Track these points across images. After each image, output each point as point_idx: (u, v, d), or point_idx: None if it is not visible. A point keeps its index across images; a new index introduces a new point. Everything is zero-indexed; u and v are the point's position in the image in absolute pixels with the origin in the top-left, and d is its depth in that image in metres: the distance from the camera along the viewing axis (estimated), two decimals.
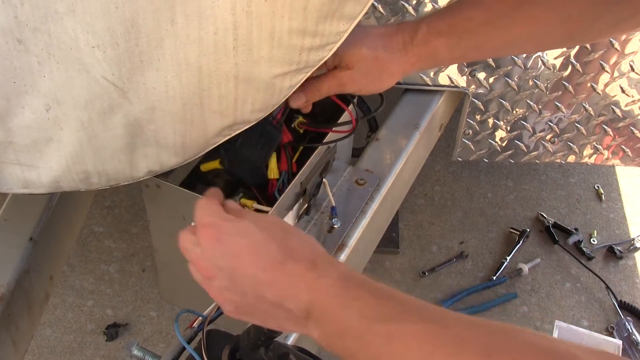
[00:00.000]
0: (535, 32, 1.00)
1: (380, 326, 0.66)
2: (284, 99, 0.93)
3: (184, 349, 0.94)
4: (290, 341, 1.05)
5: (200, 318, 0.99)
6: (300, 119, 1.14)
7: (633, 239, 2.21)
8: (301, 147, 1.14)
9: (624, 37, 1.43)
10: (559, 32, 1.00)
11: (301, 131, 1.15)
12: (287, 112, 1.08)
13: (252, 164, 1.05)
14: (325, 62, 0.99)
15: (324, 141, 1.13)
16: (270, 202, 1.05)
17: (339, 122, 1.15)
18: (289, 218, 1.11)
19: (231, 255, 0.74)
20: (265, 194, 1.10)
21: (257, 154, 1.06)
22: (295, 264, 0.72)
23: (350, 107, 1.13)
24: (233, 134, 0.94)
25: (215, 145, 0.95)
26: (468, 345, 0.62)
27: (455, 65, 1.46)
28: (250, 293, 0.74)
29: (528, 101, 1.52)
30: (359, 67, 1.01)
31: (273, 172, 1.10)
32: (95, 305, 1.99)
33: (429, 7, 1.39)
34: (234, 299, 0.76)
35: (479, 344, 0.62)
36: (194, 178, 1.12)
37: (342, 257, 1.17)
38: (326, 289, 0.70)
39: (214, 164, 1.10)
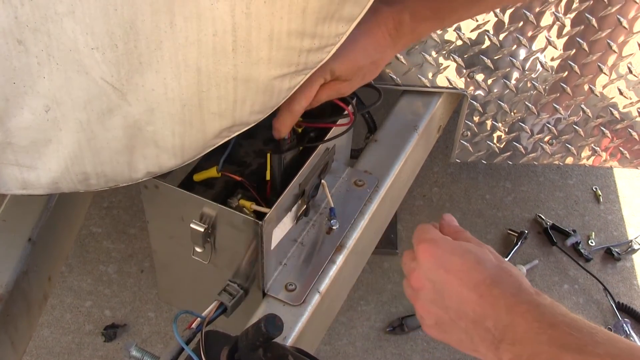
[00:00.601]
0: None
1: (568, 355, 0.69)
2: (283, 101, 0.93)
3: (182, 349, 0.94)
4: (289, 342, 1.05)
5: (198, 319, 0.99)
6: (299, 119, 1.14)
7: (631, 241, 2.21)
8: (300, 148, 1.15)
9: (622, 39, 1.44)
10: None
11: (299, 130, 1.16)
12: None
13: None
14: (324, 78, 1.00)
15: (325, 139, 1.13)
16: (269, 203, 1.06)
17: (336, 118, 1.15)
18: (288, 219, 1.11)
19: (443, 270, 0.80)
20: (263, 195, 1.10)
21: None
22: (501, 288, 0.76)
23: (350, 107, 1.14)
24: (232, 136, 0.94)
25: (214, 147, 0.95)
26: None
27: (454, 67, 1.46)
28: (453, 309, 0.79)
29: (526, 103, 1.52)
30: (356, 76, 1.03)
31: None
32: (94, 306, 1.99)
33: None
34: (436, 313, 0.82)
35: None
36: (192, 179, 1.12)
37: (341, 258, 1.17)
38: (525, 314, 0.73)
39: (208, 173, 1.10)
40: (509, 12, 1.40)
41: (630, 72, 1.49)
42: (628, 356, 0.67)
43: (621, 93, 1.52)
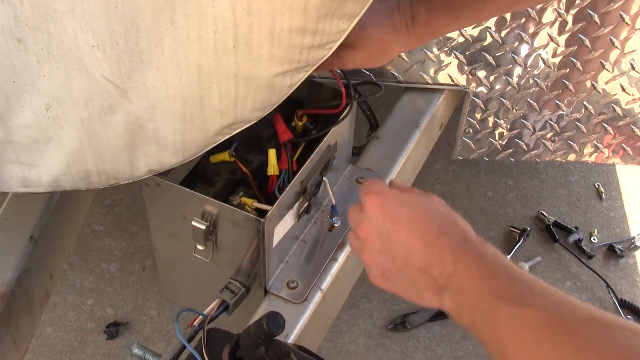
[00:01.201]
0: None
1: (505, 306, 0.71)
2: (285, 98, 0.93)
3: (184, 347, 0.94)
4: (291, 340, 1.05)
5: (200, 317, 0.99)
6: (300, 113, 1.15)
7: (633, 238, 2.21)
8: (303, 144, 1.14)
9: (624, 35, 1.43)
10: None
11: (300, 124, 1.16)
12: None
13: None
14: None
15: (326, 129, 1.13)
16: (271, 200, 1.05)
17: (339, 118, 1.15)
18: (289, 216, 1.11)
19: (391, 221, 0.82)
20: (265, 192, 1.10)
21: None
22: (448, 238, 0.78)
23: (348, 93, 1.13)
24: (233, 133, 0.94)
25: (215, 144, 0.95)
26: (573, 338, 0.66)
27: (456, 64, 1.45)
28: (400, 258, 0.81)
29: (528, 100, 1.52)
30: (362, 47, 1.02)
31: (273, 169, 1.10)
32: (96, 303, 2.00)
33: None
34: (383, 263, 0.84)
35: (585, 338, 0.66)
36: (194, 176, 1.12)
37: (343, 255, 1.17)
38: (469, 263, 0.76)
39: (223, 156, 1.10)
40: None
41: (633, 68, 1.48)
42: (560, 309, 0.70)
43: (624, 89, 1.51)
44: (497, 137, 1.58)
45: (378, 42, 1.02)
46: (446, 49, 1.43)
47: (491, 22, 1.41)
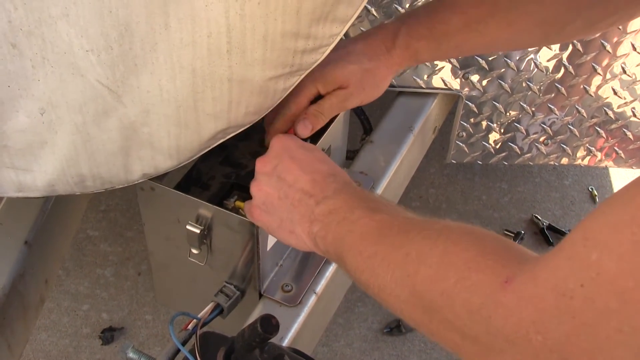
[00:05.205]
0: (511, 35, 1.05)
1: (359, 211, 0.82)
2: (278, 102, 0.94)
3: (178, 351, 0.94)
4: (286, 343, 1.06)
5: (194, 320, 1.00)
6: None
7: None
8: None
9: (615, 39, 1.44)
10: (534, 34, 1.05)
11: None
12: None
13: None
14: (322, 89, 1.04)
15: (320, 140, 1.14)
16: None
17: (331, 126, 1.15)
18: None
19: (289, 156, 0.91)
20: None
21: None
22: (335, 179, 0.89)
23: None
24: (227, 137, 0.94)
25: (209, 149, 0.96)
26: (427, 232, 0.76)
27: (449, 68, 1.46)
28: (285, 187, 0.89)
29: (521, 103, 1.53)
30: (352, 83, 1.05)
31: None
32: (91, 309, 1.99)
33: None
34: (267, 192, 0.91)
35: (417, 225, 0.78)
36: (188, 180, 1.13)
37: None
38: (350, 195, 0.85)
39: None
40: None
41: (624, 72, 1.49)
42: (402, 217, 0.81)
43: (615, 93, 1.52)
44: (490, 141, 1.59)
45: (364, 73, 1.05)
46: None
47: None
